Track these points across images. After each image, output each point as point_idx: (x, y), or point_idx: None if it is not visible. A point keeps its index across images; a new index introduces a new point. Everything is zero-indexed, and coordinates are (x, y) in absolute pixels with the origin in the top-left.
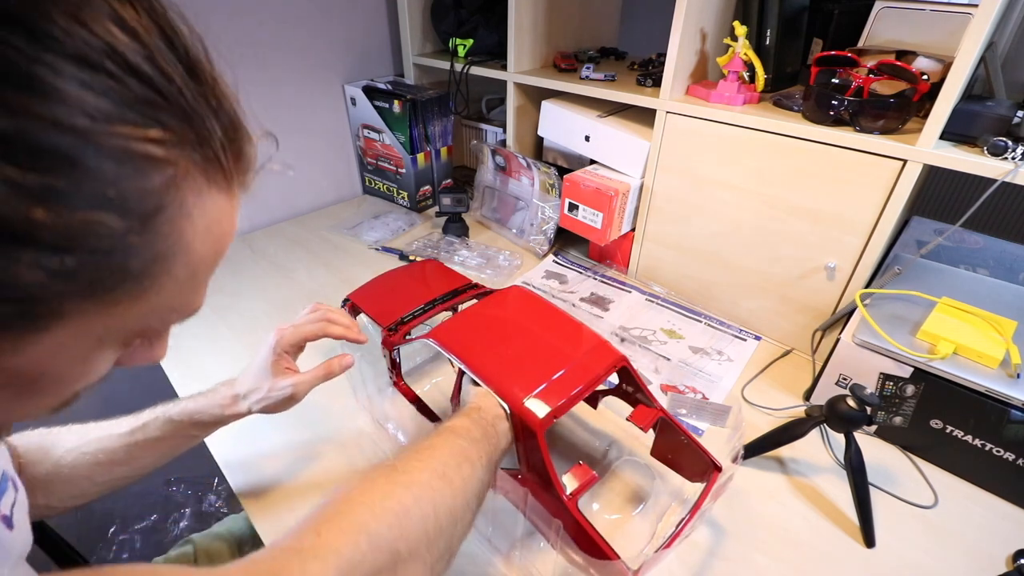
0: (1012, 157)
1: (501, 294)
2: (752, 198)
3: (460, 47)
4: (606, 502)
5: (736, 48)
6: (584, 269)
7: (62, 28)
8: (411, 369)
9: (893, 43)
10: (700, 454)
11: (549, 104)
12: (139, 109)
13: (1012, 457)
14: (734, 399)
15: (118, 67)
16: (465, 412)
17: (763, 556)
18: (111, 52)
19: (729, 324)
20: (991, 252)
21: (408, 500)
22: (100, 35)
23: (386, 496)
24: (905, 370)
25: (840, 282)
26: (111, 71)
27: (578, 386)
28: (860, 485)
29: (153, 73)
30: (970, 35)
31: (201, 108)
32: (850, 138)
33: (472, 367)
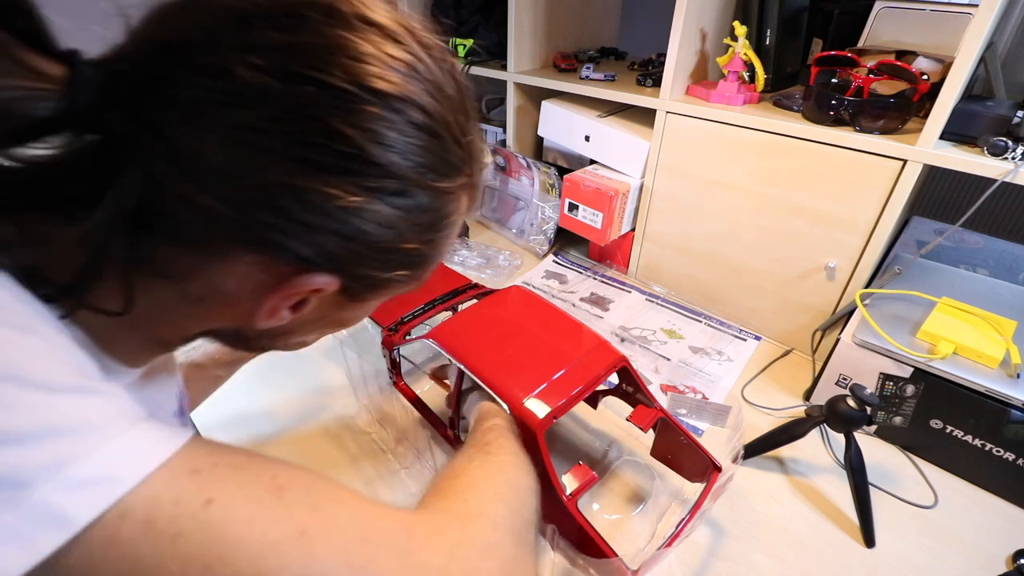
0: (1012, 157)
1: (501, 294)
2: (752, 198)
3: (460, 47)
4: (606, 502)
5: (736, 48)
6: (584, 269)
7: (469, 141)
8: (411, 369)
9: (893, 43)
10: (700, 454)
11: (549, 104)
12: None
13: (1012, 457)
14: (734, 399)
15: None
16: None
17: (763, 556)
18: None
19: (729, 324)
20: (991, 252)
21: (518, 477)
22: (471, 146)
23: (494, 474)
24: (905, 370)
25: (840, 282)
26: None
27: (578, 386)
28: (860, 485)
29: (458, 154)
30: (970, 35)
31: (473, 161)
32: (850, 138)
33: (472, 367)
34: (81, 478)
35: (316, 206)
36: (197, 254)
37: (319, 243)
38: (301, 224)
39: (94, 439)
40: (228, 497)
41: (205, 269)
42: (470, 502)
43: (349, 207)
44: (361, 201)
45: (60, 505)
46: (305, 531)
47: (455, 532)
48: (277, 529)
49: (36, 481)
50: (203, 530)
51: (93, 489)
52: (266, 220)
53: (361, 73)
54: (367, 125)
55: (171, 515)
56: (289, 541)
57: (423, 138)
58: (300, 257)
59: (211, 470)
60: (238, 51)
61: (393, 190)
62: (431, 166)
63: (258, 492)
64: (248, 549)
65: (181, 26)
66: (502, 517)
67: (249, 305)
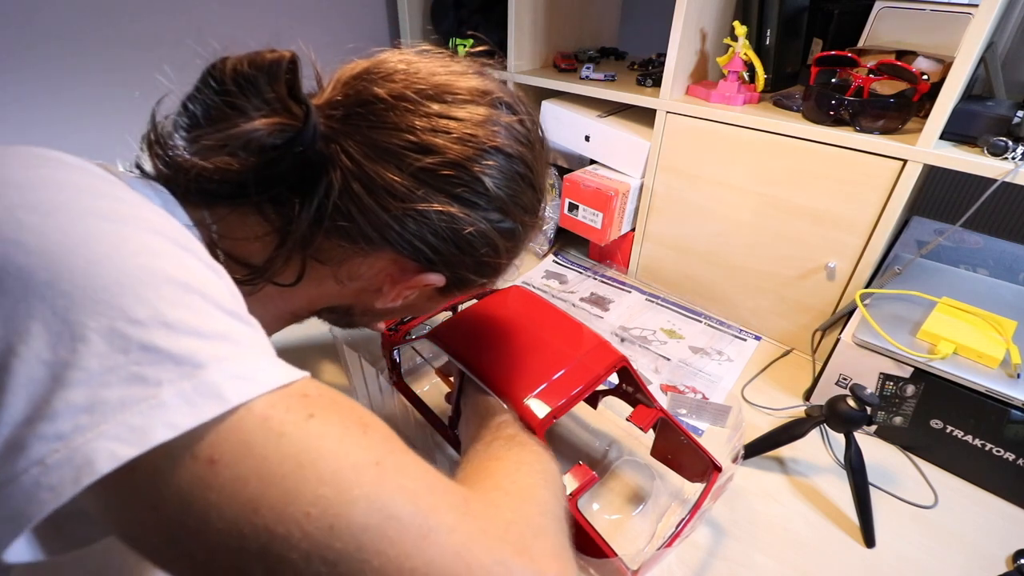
0: (1012, 157)
1: (501, 294)
2: (752, 198)
3: (460, 47)
4: (606, 502)
5: (736, 48)
6: (584, 269)
7: (544, 187)
8: (411, 369)
9: (893, 43)
10: (700, 454)
11: (549, 104)
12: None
13: (1012, 457)
14: (734, 399)
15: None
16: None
17: (763, 556)
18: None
19: (729, 324)
20: (991, 252)
21: (554, 470)
22: (544, 190)
23: (534, 462)
24: (905, 370)
25: (840, 282)
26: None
27: (578, 386)
28: (860, 485)
29: (539, 198)
30: (970, 35)
31: (545, 202)
32: (850, 138)
33: (472, 367)
34: (234, 373)
35: (450, 227)
36: (355, 248)
37: (443, 252)
38: (436, 237)
39: (247, 352)
40: (326, 418)
41: (355, 260)
42: (518, 483)
43: (473, 231)
44: (482, 228)
45: (220, 386)
46: (380, 462)
47: (509, 510)
48: (358, 453)
49: (208, 364)
50: (302, 436)
51: (241, 383)
52: (412, 231)
53: (495, 137)
54: (493, 174)
55: (282, 419)
56: (365, 466)
57: (524, 185)
58: (427, 259)
59: (317, 398)
60: (416, 115)
61: (498, 219)
62: (525, 206)
63: (348, 422)
64: (332, 461)
65: (378, 89)
66: (548, 502)
67: (376, 290)
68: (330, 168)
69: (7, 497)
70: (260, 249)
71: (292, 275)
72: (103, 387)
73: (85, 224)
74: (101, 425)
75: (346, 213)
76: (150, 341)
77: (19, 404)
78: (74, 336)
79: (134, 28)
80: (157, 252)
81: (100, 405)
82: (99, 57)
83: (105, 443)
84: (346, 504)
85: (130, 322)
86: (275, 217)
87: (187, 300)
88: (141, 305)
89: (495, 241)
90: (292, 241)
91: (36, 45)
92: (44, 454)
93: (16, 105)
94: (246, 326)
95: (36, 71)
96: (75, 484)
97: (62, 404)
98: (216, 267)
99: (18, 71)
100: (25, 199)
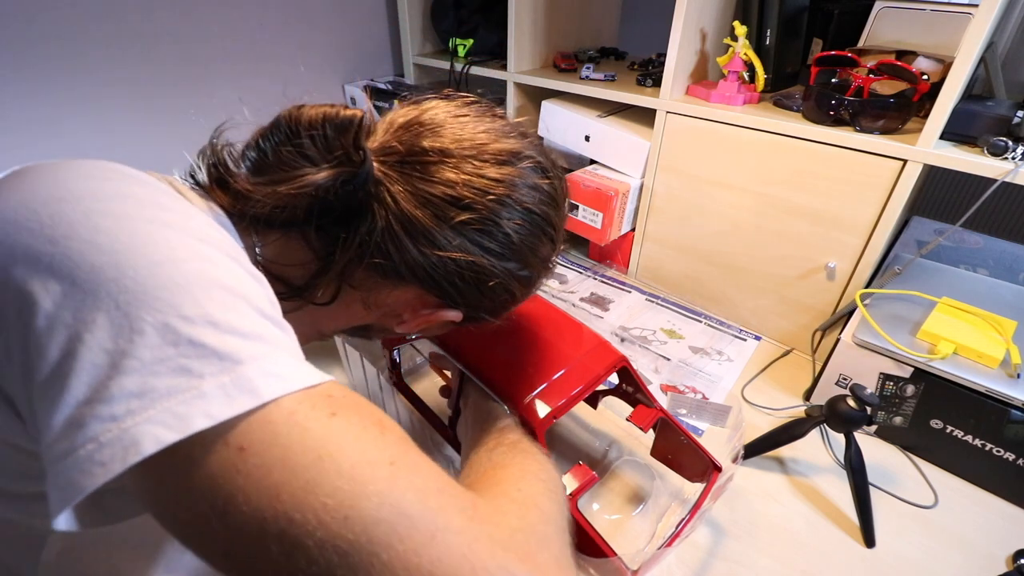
0: (1012, 157)
1: None
2: (752, 198)
3: (460, 47)
4: (606, 502)
5: (736, 48)
6: (584, 269)
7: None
8: (411, 369)
9: (893, 43)
10: (700, 454)
11: (549, 104)
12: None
13: (1012, 457)
14: (734, 399)
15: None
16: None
17: (763, 556)
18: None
19: (729, 324)
20: (991, 252)
21: (557, 478)
22: (555, 248)
23: (538, 471)
24: (905, 370)
25: (840, 282)
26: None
27: (578, 386)
28: (860, 485)
29: (555, 248)
30: (970, 35)
31: (556, 255)
32: (850, 138)
33: (472, 367)
34: (268, 371)
35: (476, 274)
36: (385, 279)
37: (465, 293)
38: (462, 280)
39: (280, 353)
40: (347, 417)
41: (384, 289)
42: (524, 491)
43: (496, 281)
44: (503, 277)
45: (255, 381)
46: (395, 462)
47: (515, 517)
48: (374, 452)
49: (246, 362)
50: (324, 432)
51: (274, 380)
52: (441, 273)
53: (525, 198)
54: (520, 231)
55: (307, 414)
56: (380, 464)
57: (545, 240)
58: (450, 298)
59: (340, 399)
60: (457, 170)
61: (518, 268)
62: (543, 257)
63: (367, 422)
64: (350, 457)
65: (426, 142)
66: (552, 512)
67: (397, 315)
68: (376, 207)
69: (65, 468)
70: (300, 273)
71: (327, 297)
72: (153, 376)
73: (149, 230)
74: (149, 410)
75: (384, 250)
76: (198, 337)
77: (81, 387)
78: (132, 328)
79: (130, 27)
80: (208, 259)
81: (150, 392)
82: (91, 56)
83: (151, 427)
84: (360, 497)
85: (182, 319)
86: (318, 246)
87: (232, 303)
88: (192, 304)
89: (513, 288)
90: (334, 269)
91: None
92: (99, 432)
93: (15, 104)
94: (281, 331)
95: (37, 71)
96: (123, 462)
97: (117, 389)
98: (258, 275)
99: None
100: (101, 207)
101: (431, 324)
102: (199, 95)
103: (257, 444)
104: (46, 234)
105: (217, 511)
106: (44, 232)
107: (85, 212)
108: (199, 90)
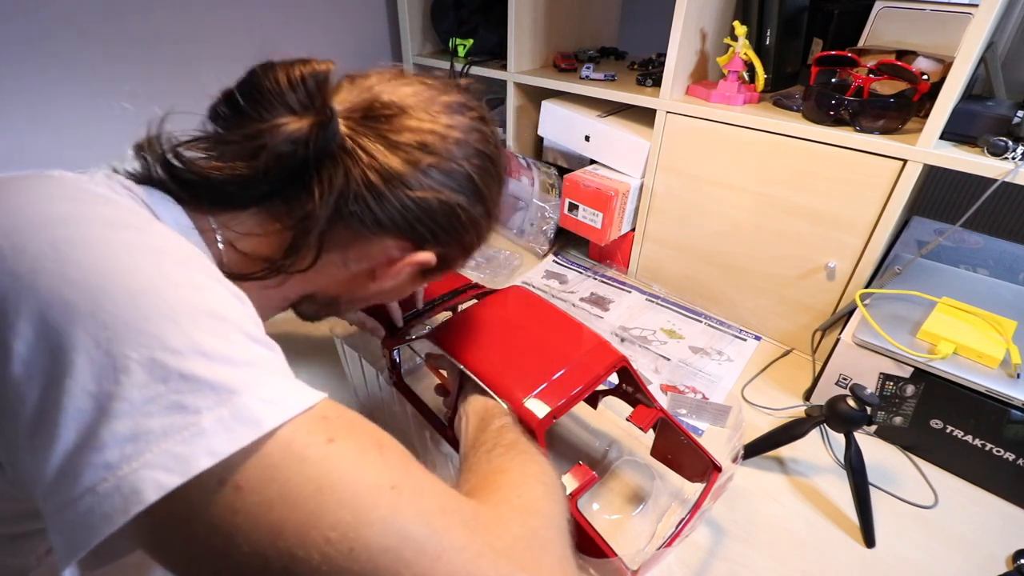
0: (1012, 157)
1: (501, 294)
2: (752, 198)
3: (460, 47)
4: (606, 502)
5: (736, 48)
6: (584, 269)
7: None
8: (411, 369)
9: (893, 43)
10: (700, 454)
11: (549, 104)
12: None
13: (1012, 457)
14: (734, 399)
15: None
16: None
17: (763, 556)
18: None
19: (729, 324)
20: (991, 252)
21: (556, 479)
22: (502, 191)
23: (539, 474)
24: (905, 370)
25: (840, 282)
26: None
27: (578, 386)
28: (860, 485)
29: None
30: (970, 35)
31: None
32: (850, 138)
33: (472, 367)
34: (264, 397)
35: (447, 212)
36: (361, 232)
37: (438, 233)
38: (434, 221)
39: (271, 377)
40: (344, 440)
41: (361, 243)
42: (524, 497)
43: (464, 216)
44: (470, 213)
45: (254, 411)
46: (396, 486)
47: (516, 525)
48: (375, 476)
49: (241, 392)
50: (321, 460)
51: (272, 407)
52: (416, 215)
53: (477, 143)
54: (478, 171)
55: (304, 442)
56: (382, 490)
57: (494, 181)
58: (423, 239)
59: (335, 420)
60: (419, 120)
61: (478, 206)
62: (494, 198)
63: (365, 444)
64: (352, 484)
65: (384, 97)
66: (553, 515)
67: (370, 273)
68: (348, 160)
69: (65, 521)
70: (274, 243)
71: (307, 262)
72: (146, 417)
73: (123, 257)
74: (146, 454)
75: (363, 201)
76: (189, 370)
77: (69, 435)
78: (116, 368)
79: (128, 27)
80: (191, 283)
81: (144, 435)
82: (89, 55)
83: (150, 472)
84: (365, 527)
85: (169, 352)
86: (287, 215)
87: (220, 329)
88: (179, 335)
89: (478, 224)
90: (314, 231)
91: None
92: (95, 482)
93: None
94: (269, 351)
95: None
96: (124, 513)
97: (108, 435)
98: (239, 293)
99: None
100: (67, 233)
101: (402, 277)
102: (197, 95)
103: (254, 481)
104: (9, 269)
105: (217, 552)
106: (6, 267)
107: (51, 242)
108: (194, 91)
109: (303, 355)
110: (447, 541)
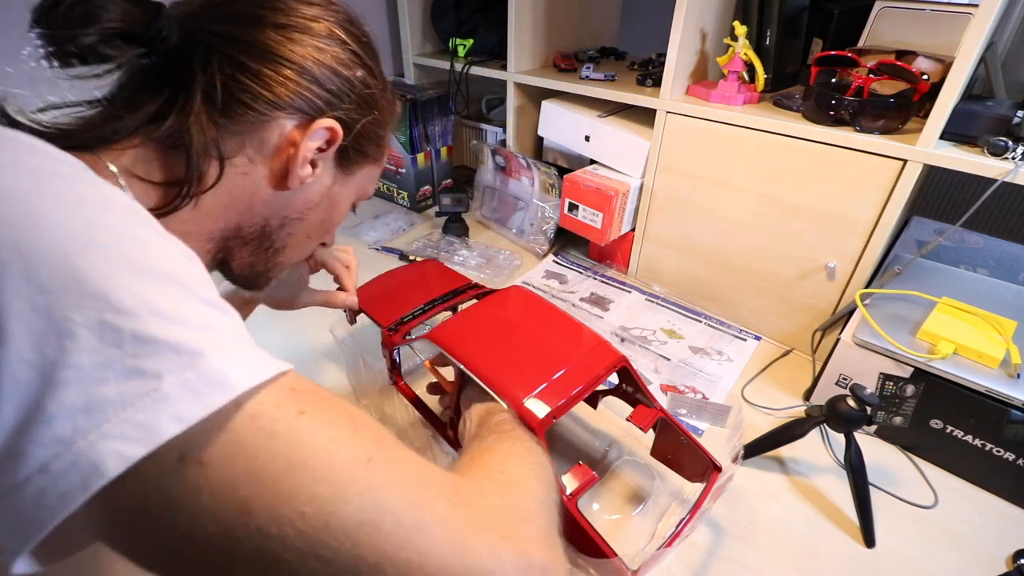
0: (1012, 157)
1: (501, 294)
2: (752, 198)
3: (460, 47)
4: (606, 502)
5: (736, 48)
6: (584, 269)
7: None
8: (411, 369)
9: (893, 43)
10: (700, 454)
11: (549, 104)
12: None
13: (1012, 457)
14: (734, 399)
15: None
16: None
17: (763, 556)
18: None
19: (729, 324)
20: (991, 252)
21: (545, 463)
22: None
23: (524, 454)
24: (905, 370)
25: (840, 282)
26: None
27: (578, 386)
28: (860, 485)
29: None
30: (970, 35)
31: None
32: (850, 138)
33: (472, 367)
34: (233, 360)
35: (328, 73)
36: (251, 118)
37: (328, 92)
38: (316, 82)
39: (234, 341)
40: (316, 414)
41: (255, 132)
42: (509, 473)
43: (349, 74)
44: (361, 75)
45: (225, 372)
46: (373, 458)
47: (498, 498)
48: (349, 450)
49: (207, 353)
50: (292, 434)
51: (241, 368)
52: (297, 81)
53: (349, 22)
54: (352, 37)
55: (272, 416)
56: (358, 462)
57: (367, 55)
58: (317, 108)
59: (305, 393)
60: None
61: (363, 73)
62: (372, 69)
63: (339, 419)
64: (324, 458)
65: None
66: (536, 492)
67: (284, 172)
68: (208, 51)
69: (11, 508)
70: (172, 165)
71: (214, 175)
72: (99, 384)
73: (58, 211)
74: (103, 425)
75: (240, 84)
76: (144, 331)
77: (7, 412)
78: (60, 332)
79: None
80: (137, 239)
81: (99, 404)
82: None
83: (111, 443)
84: (341, 501)
85: (119, 313)
86: (169, 131)
87: (171, 289)
88: (127, 294)
89: (367, 83)
90: (205, 133)
91: None
92: (46, 460)
93: None
94: (226, 315)
95: None
96: (84, 490)
97: (56, 406)
98: (189, 253)
99: None
100: None
101: (321, 170)
102: None
103: (219, 456)
104: None
105: (180, 534)
106: None
107: None
108: None
109: (303, 356)
110: (427, 513)
